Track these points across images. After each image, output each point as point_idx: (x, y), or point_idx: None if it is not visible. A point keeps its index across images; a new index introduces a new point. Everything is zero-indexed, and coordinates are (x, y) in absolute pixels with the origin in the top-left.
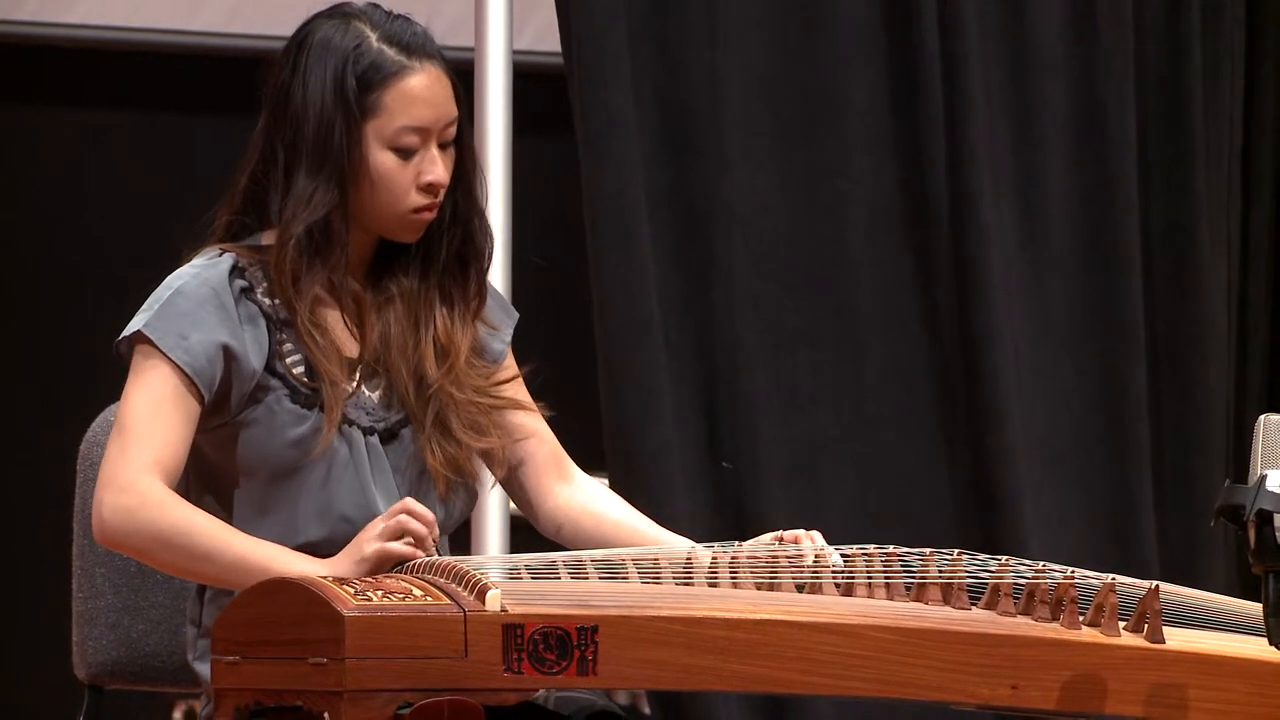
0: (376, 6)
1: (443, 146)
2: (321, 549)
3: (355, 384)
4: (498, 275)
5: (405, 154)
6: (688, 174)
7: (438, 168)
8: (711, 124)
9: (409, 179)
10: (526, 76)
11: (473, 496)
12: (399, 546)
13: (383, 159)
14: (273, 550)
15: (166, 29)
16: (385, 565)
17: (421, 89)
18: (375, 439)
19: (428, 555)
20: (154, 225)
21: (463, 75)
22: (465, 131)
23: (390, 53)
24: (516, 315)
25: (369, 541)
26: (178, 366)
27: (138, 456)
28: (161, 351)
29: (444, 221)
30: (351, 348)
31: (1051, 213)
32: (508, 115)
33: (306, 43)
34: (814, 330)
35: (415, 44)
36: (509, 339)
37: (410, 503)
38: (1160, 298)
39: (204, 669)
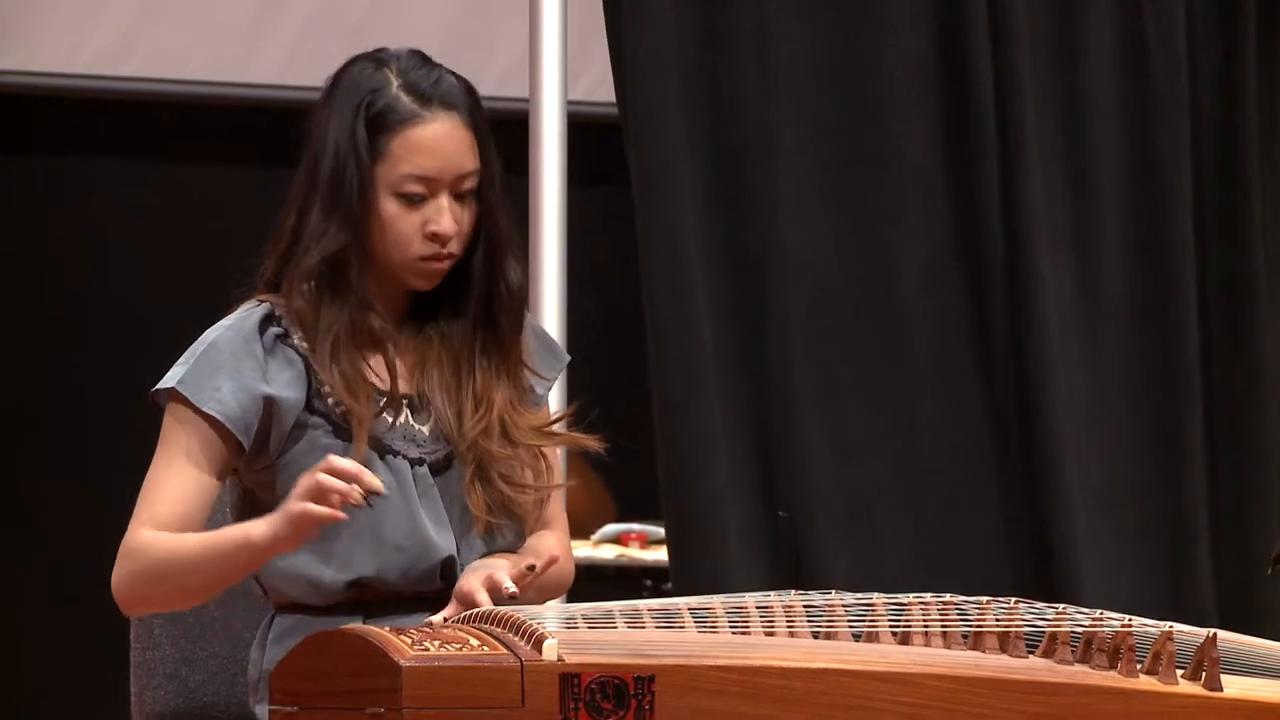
0: (415, 54)
1: (459, 197)
2: (377, 582)
3: (398, 416)
4: (553, 323)
5: (411, 201)
6: (741, 223)
7: (444, 218)
8: (765, 173)
9: (414, 226)
10: (581, 126)
11: (521, 533)
12: (318, 508)
13: (388, 205)
14: (235, 529)
15: (221, 80)
16: (305, 525)
17: (429, 138)
18: (425, 469)
19: (354, 506)
20: (217, 276)
21: (517, 125)
22: (490, 185)
23: (405, 100)
24: (566, 359)
25: (291, 501)
26: (211, 418)
27: (138, 521)
28: (194, 406)
29: (471, 274)
30: (385, 382)
31: (1106, 261)
32: (562, 165)
33: (338, 82)
34: (868, 379)
35: (434, 94)
36: (553, 382)
37: (331, 460)
38: (1216, 346)
39: (262, 711)
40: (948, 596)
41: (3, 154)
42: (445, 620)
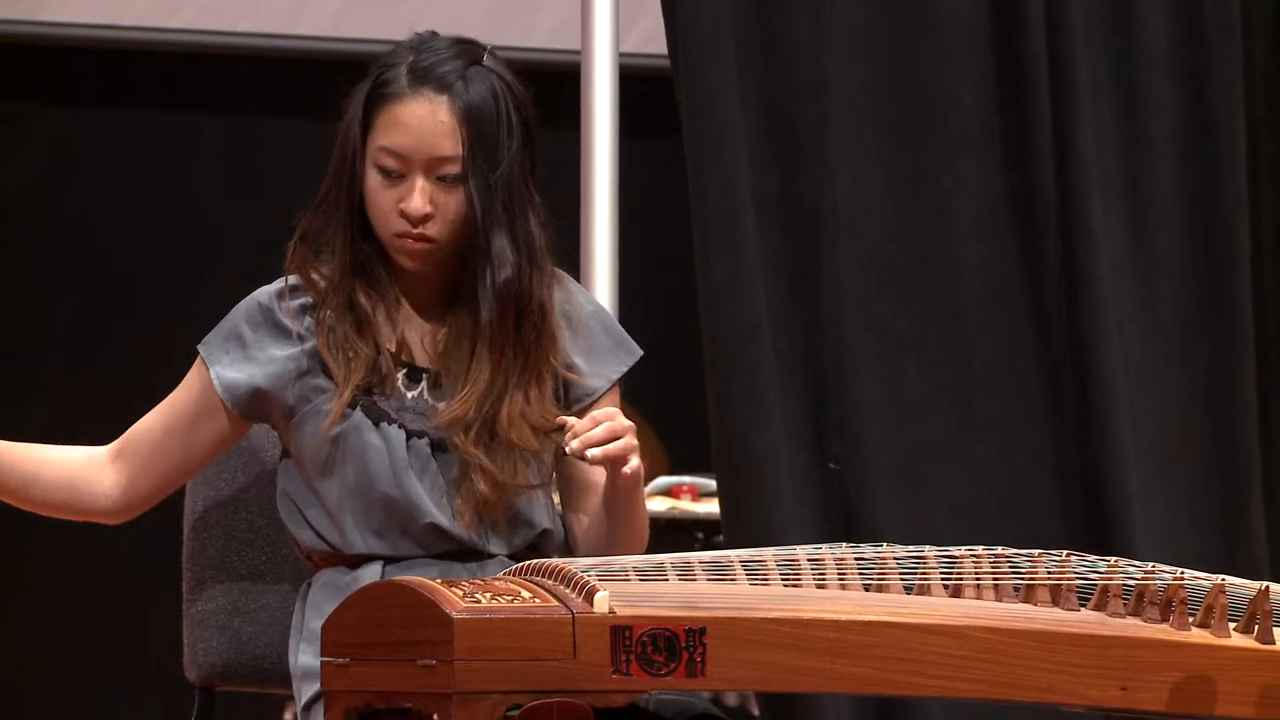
0: (457, 42)
1: (445, 181)
2: (384, 535)
3: (413, 389)
4: (604, 276)
5: (387, 175)
6: (793, 176)
7: (414, 198)
8: (817, 126)
9: (390, 202)
10: (633, 79)
11: (529, 525)
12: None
13: (371, 177)
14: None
15: (272, 33)
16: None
17: (408, 116)
18: (423, 443)
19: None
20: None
21: (569, 78)
22: (479, 176)
23: (403, 79)
24: (637, 354)
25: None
26: (210, 383)
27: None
28: (207, 366)
29: (474, 266)
30: (394, 349)
31: (1160, 213)
32: (614, 118)
33: (378, 58)
34: (921, 333)
35: (431, 77)
36: (613, 377)
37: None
38: (1269, 298)
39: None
40: (999, 549)
41: (56, 105)
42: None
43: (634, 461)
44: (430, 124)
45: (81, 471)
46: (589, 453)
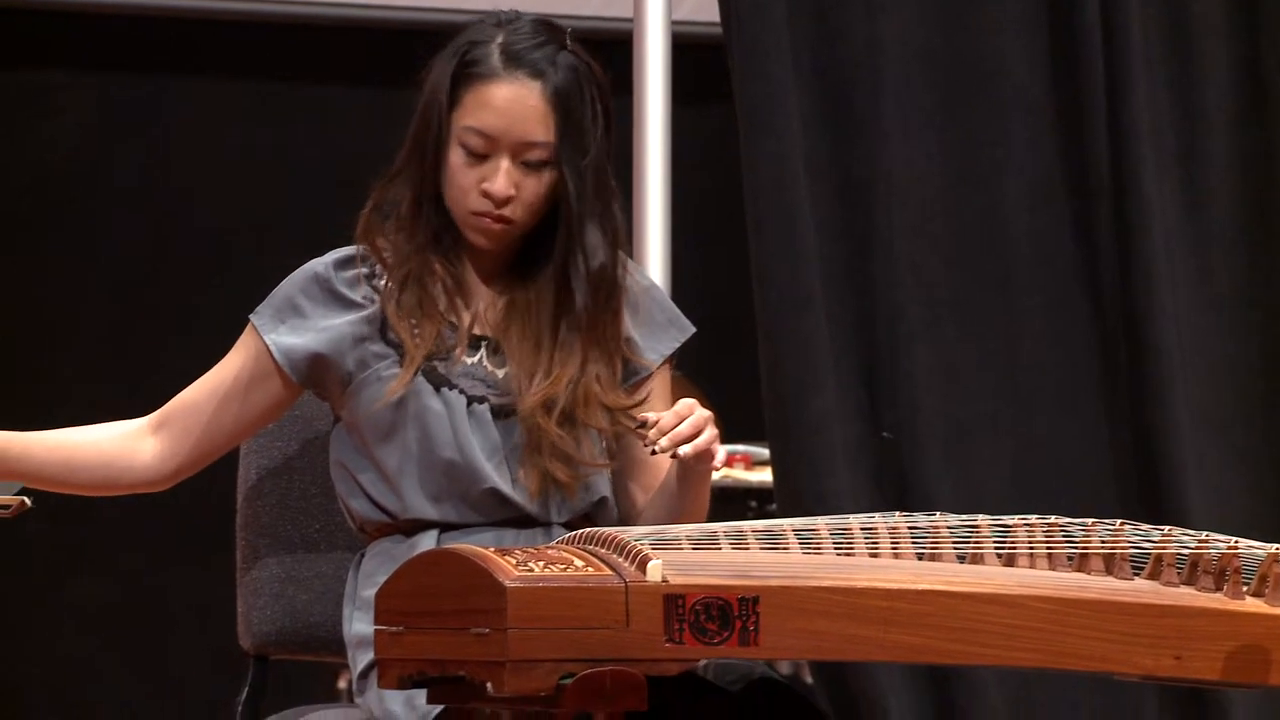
0: (543, 25)
1: (529, 165)
2: (442, 501)
3: (473, 356)
4: (656, 244)
5: (472, 155)
6: (846, 144)
7: (499, 179)
8: (870, 94)
9: (472, 181)
10: (685, 47)
11: (586, 492)
12: None
13: (455, 154)
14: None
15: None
16: None
17: (499, 98)
18: (484, 408)
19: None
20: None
21: (621, 45)
22: (568, 163)
23: (495, 59)
24: (689, 330)
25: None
26: (266, 349)
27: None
28: (259, 334)
29: (555, 246)
30: (459, 321)
31: (1213, 182)
32: (666, 86)
33: (461, 30)
34: (974, 301)
35: (522, 59)
36: (666, 353)
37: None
38: None
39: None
40: (1053, 518)
41: (101, 72)
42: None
43: (721, 454)
44: (522, 108)
45: (116, 449)
46: (680, 450)
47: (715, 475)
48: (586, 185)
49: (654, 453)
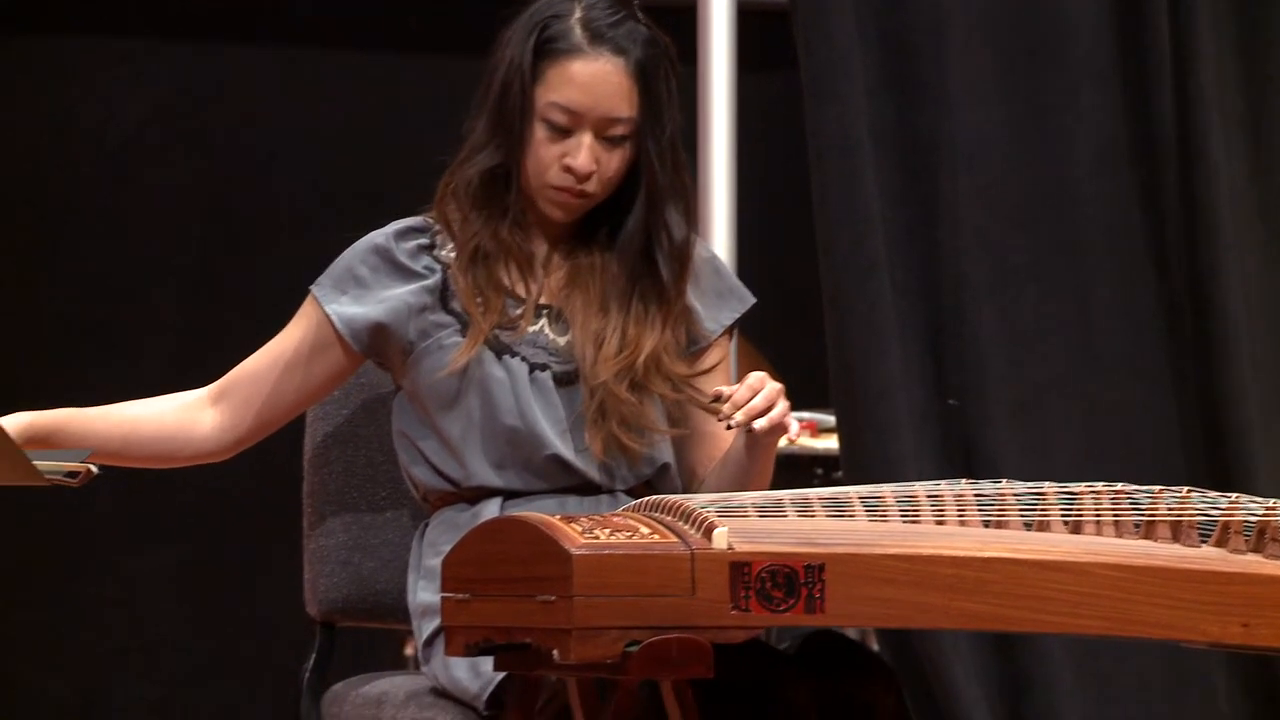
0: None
1: (610, 140)
2: (504, 468)
3: (534, 324)
4: (721, 210)
5: (555, 129)
6: (911, 110)
7: (582, 154)
8: (935, 59)
9: (554, 155)
10: (750, 14)
11: (650, 461)
12: None
13: (536, 128)
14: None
15: None
16: None
17: (583, 74)
18: (546, 376)
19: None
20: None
21: (686, 14)
22: (650, 138)
23: (577, 33)
24: (749, 301)
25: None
26: (327, 319)
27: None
28: (319, 304)
29: (628, 222)
30: (524, 292)
31: None
32: (732, 53)
33: (533, 3)
34: (1040, 266)
35: (606, 34)
36: (726, 323)
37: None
38: None
39: (421, 598)
40: (1119, 486)
41: (175, 42)
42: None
43: (794, 427)
44: (608, 85)
45: (176, 421)
46: (756, 424)
47: (780, 442)
48: (666, 161)
49: (729, 427)
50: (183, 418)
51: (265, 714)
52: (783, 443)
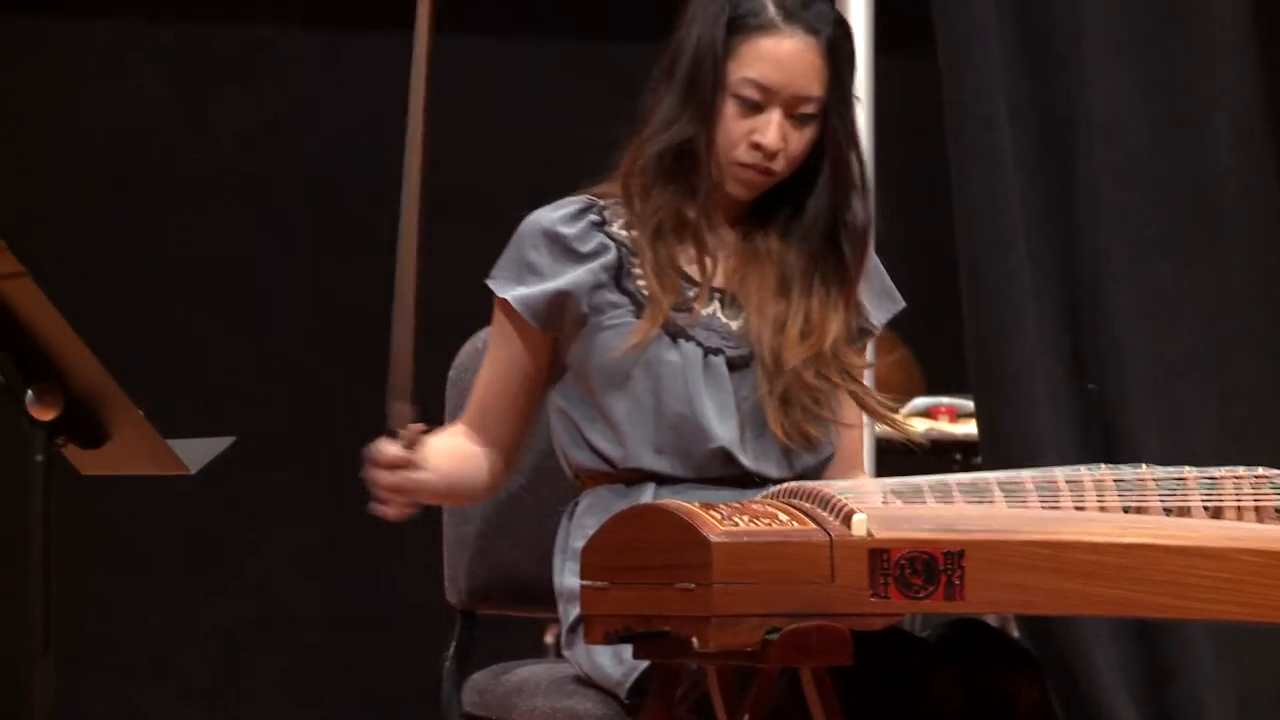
0: None
1: (798, 119)
2: (664, 453)
3: (706, 307)
4: None
5: (745, 105)
6: (1048, 84)
7: (771, 130)
8: (1071, 33)
9: (742, 132)
10: None
11: (820, 463)
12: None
13: (726, 103)
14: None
15: None
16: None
17: (776, 49)
18: (719, 360)
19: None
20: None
21: None
22: (837, 119)
23: (771, 9)
24: (901, 304)
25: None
26: (509, 303)
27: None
28: (503, 298)
29: (810, 203)
30: (699, 273)
31: None
32: (869, 29)
33: None
34: (1177, 241)
35: (799, 13)
36: (882, 322)
37: (379, 449)
38: None
39: (567, 582)
40: (1260, 470)
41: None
42: None
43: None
44: (800, 63)
45: (476, 457)
46: None
47: (920, 428)
48: (850, 141)
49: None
50: (477, 453)
51: (407, 703)
52: (924, 428)
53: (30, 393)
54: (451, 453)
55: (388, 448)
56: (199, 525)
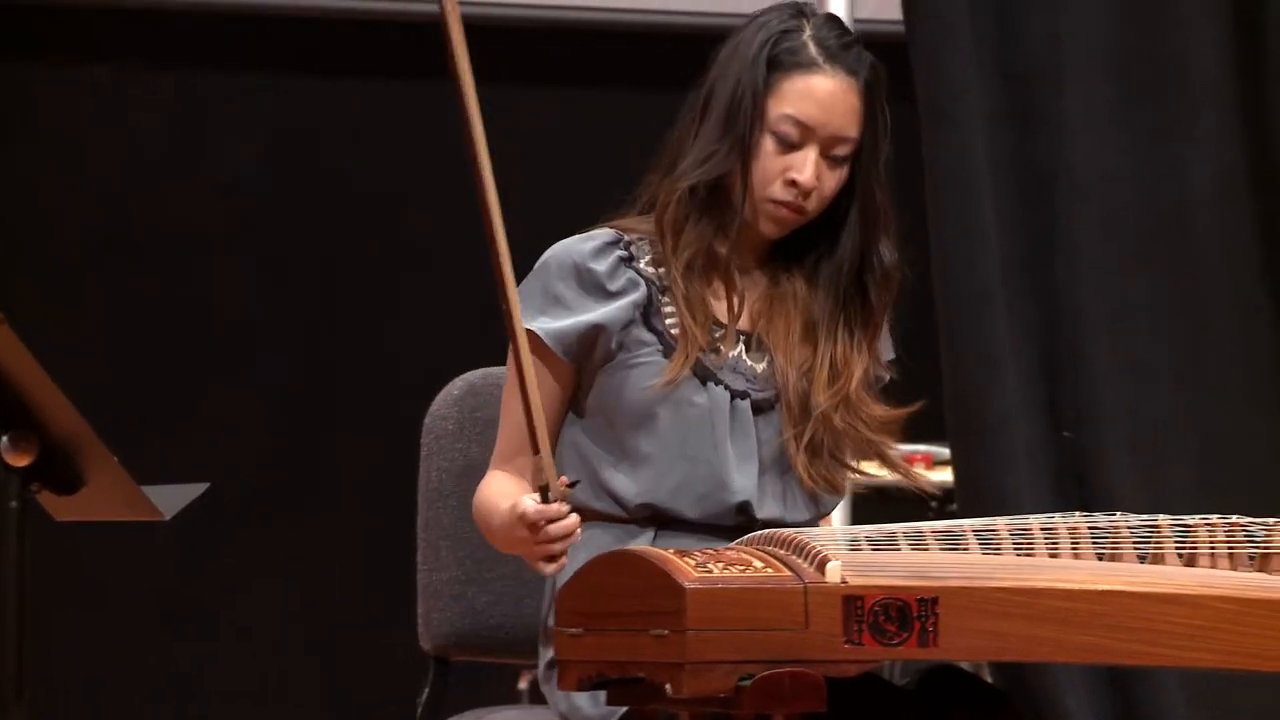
0: (837, 20)
1: (833, 160)
2: (671, 510)
3: (733, 349)
4: None
5: (783, 143)
6: (1029, 140)
7: (807, 169)
8: (1052, 89)
9: (778, 169)
10: (868, 45)
11: (829, 504)
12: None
13: (764, 139)
14: (511, 499)
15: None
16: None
17: (817, 88)
18: (746, 404)
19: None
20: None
21: None
22: (870, 162)
23: (812, 48)
24: (892, 354)
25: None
26: (538, 336)
27: (493, 456)
28: (530, 331)
29: (840, 244)
30: (722, 315)
31: None
32: None
33: (756, 19)
34: (1157, 297)
35: (839, 54)
36: (885, 377)
37: (523, 510)
38: None
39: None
40: (1234, 518)
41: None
42: None
43: None
44: (840, 103)
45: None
46: None
47: (895, 475)
48: (881, 184)
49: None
50: (527, 488)
51: None
52: (894, 478)
53: (5, 439)
54: (525, 493)
55: (549, 506)
56: (175, 572)
